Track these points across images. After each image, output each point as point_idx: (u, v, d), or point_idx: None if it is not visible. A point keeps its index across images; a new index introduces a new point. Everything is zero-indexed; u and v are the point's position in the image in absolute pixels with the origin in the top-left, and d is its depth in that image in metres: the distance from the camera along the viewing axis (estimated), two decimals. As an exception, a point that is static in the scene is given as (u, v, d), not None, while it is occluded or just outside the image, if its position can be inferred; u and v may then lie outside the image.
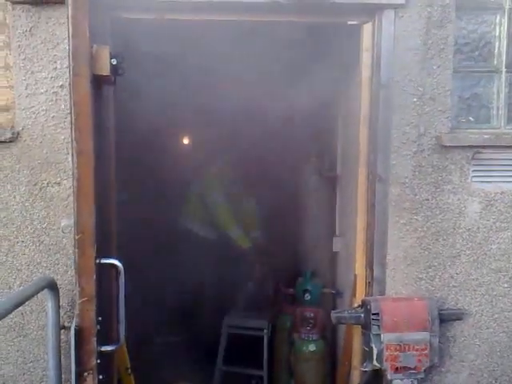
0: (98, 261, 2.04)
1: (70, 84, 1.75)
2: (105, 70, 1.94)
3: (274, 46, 3.41)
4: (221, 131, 4.64)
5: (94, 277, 1.86)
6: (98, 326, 1.91)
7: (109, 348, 2.24)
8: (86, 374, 1.93)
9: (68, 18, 1.72)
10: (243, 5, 2.52)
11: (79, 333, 1.85)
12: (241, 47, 3.34)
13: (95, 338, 1.91)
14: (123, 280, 2.23)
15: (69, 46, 1.73)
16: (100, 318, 1.99)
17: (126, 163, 2.91)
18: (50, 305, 2.38)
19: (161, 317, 4.44)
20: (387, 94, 2.65)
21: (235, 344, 4.00)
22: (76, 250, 1.81)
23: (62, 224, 2.25)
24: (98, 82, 1.92)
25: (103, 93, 2.31)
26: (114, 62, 1.96)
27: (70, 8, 1.69)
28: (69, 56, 1.77)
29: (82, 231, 1.80)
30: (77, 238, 1.80)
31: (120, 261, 2.28)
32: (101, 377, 2.17)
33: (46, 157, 2.56)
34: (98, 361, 1.94)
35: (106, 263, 2.10)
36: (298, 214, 3.99)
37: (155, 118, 3.85)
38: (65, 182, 2.57)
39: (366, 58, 2.70)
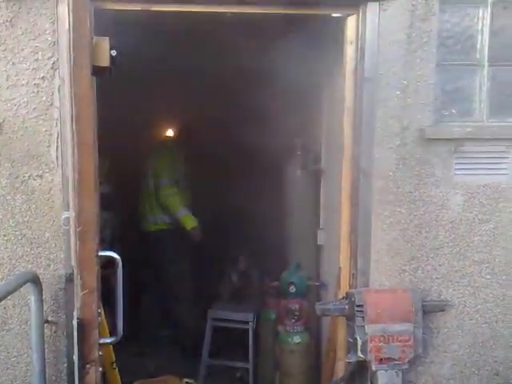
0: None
1: (69, 75, 1.72)
2: (104, 61, 1.92)
3: (258, 36, 3.41)
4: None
5: (96, 269, 1.85)
6: (99, 319, 1.91)
7: (108, 340, 2.23)
8: (88, 366, 1.92)
9: (68, 8, 1.70)
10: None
11: (81, 326, 1.84)
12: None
13: (97, 331, 1.90)
14: (121, 273, 2.21)
15: (69, 37, 1.71)
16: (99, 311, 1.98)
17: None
18: (32, 299, 2.37)
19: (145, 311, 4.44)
20: (371, 86, 2.65)
21: (220, 337, 4.01)
22: (77, 243, 1.79)
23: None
24: (96, 72, 1.90)
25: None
26: (114, 53, 1.95)
27: None
28: (69, 47, 1.74)
29: (83, 223, 1.78)
30: (78, 230, 1.78)
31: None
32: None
33: (27, 149, 2.53)
34: (100, 353, 1.93)
35: (103, 256, 2.07)
36: (282, 206, 3.99)
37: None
38: (47, 174, 2.54)
39: (350, 51, 2.70)
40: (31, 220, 2.56)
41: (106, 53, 1.90)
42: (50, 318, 2.58)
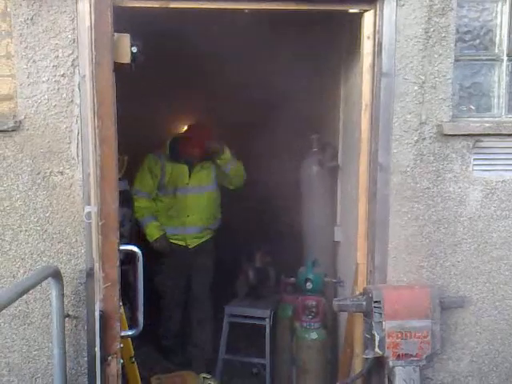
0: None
1: (91, 72, 1.75)
2: (125, 58, 1.95)
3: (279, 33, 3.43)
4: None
5: (118, 262, 1.88)
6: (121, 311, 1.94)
7: (129, 333, 2.26)
8: (110, 357, 1.96)
9: (91, 5, 1.72)
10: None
11: (103, 318, 1.87)
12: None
13: (119, 323, 1.93)
14: (141, 266, 2.24)
15: (91, 34, 1.73)
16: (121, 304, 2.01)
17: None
18: (53, 293, 2.42)
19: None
20: (388, 82, 2.65)
21: (237, 333, 4.03)
22: (99, 237, 1.82)
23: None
24: (117, 69, 1.92)
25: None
26: (134, 49, 1.97)
27: None
28: (91, 44, 1.77)
29: (105, 217, 1.81)
30: (100, 224, 1.81)
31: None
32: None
33: (48, 146, 2.57)
34: (121, 345, 1.96)
35: (124, 249, 2.10)
36: (299, 203, 4.00)
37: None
38: (67, 170, 2.58)
39: (367, 47, 2.70)
40: (52, 215, 2.60)
41: (127, 50, 1.92)
42: (70, 313, 2.62)
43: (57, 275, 2.44)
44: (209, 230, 4.22)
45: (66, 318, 2.56)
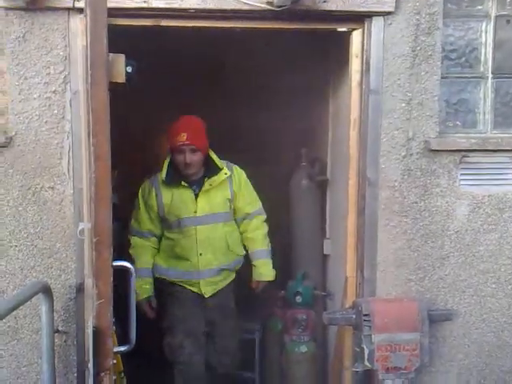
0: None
1: (87, 91, 1.77)
2: (120, 78, 1.98)
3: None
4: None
5: (111, 279, 1.89)
6: (114, 327, 1.95)
7: (122, 349, 2.26)
8: (102, 374, 1.95)
9: (86, 26, 1.75)
10: (236, 13, 2.56)
11: (96, 334, 1.88)
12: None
13: (112, 339, 1.94)
14: (134, 282, 2.25)
15: (87, 54, 1.76)
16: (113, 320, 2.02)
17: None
18: (43, 309, 2.40)
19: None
20: (376, 99, 2.70)
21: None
22: (93, 253, 1.84)
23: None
24: (112, 88, 1.96)
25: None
26: (129, 69, 2.00)
27: (88, 17, 1.71)
28: (86, 64, 1.80)
29: (99, 234, 1.83)
30: (94, 240, 1.83)
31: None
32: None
33: (39, 161, 2.58)
34: (114, 361, 1.97)
35: (117, 266, 2.11)
36: (288, 217, 4.02)
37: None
38: (58, 186, 2.59)
39: (355, 64, 2.75)
40: (42, 231, 2.60)
41: (121, 70, 1.95)
42: (60, 328, 2.61)
43: (47, 290, 2.43)
44: (228, 272, 3.26)
45: (56, 334, 2.55)
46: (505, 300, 2.88)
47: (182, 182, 3.09)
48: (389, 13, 2.63)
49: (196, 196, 3.11)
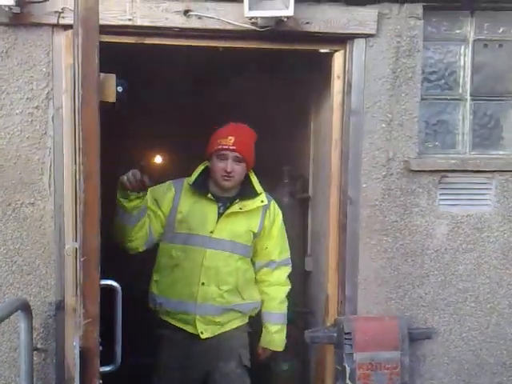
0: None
1: (77, 110, 1.78)
2: (111, 98, 1.99)
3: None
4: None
5: (98, 298, 1.88)
6: (101, 347, 1.92)
7: (107, 368, 2.23)
8: None
9: (78, 45, 1.75)
10: (218, 32, 2.59)
11: (83, 354, 1.86)
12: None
13: (98, 359, 1.91)
14: (120, 301, 2.22)
15: (77, 73, 1.76)
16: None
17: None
18: (22, 326, 2.36)
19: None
20: (358, 119, 2.74)
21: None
22: (81, 273, 1.82)
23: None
24: (102, 107, 1.97)
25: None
26: (120, 89, 2.01)
27: (80, 36, 1.72)
28: (76, 83, 1.81)
29: (87, 254, 1.81)
30: (82, 260, 1.82)
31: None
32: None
33: (20, 177, 2.56)
34: (101, 381, 1.95)
35: (104, 285, 2.08)
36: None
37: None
38: (39, 202, 2.57)
39: (337, 85, 2.79)
40: (22, 247, 2.57)
41: (112, 89, 1.96)
42: (39, 346, 2.58)
43: (26, 308, 2.39)
44: (236, 314, 2.74)
45: (35, 352, 2.52)
46: (484, 319, 2.91)
47: (209, 194, 2.64)
48: (370, 35, 2.68)
49: (219, 215, 2.64)
